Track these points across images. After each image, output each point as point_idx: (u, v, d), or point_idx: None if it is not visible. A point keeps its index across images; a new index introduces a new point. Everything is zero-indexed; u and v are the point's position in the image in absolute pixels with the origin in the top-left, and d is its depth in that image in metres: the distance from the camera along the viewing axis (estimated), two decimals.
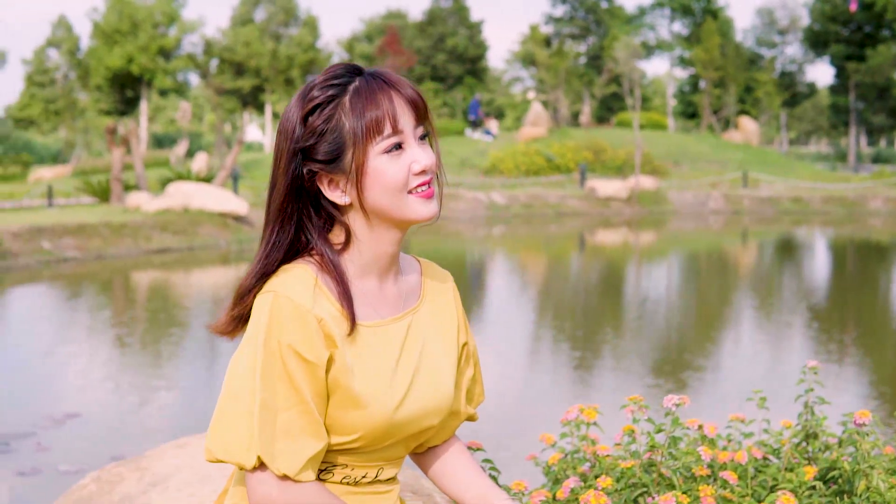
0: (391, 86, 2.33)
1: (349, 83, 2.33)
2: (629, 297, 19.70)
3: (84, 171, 47.98)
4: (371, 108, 2.28)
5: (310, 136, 2.31)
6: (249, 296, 2.38)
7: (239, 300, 2.41)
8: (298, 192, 2.36)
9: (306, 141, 2.32)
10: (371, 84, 2.32)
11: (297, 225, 2.38)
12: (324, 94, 2.32)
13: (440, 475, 2.67)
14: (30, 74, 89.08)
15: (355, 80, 2.33)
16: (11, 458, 8.65)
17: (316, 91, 2.33)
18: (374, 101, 2.29)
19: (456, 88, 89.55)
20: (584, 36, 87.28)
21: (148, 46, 77.46)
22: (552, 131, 55.29)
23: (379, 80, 2.33)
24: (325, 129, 2.30)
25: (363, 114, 2.28)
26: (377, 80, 2.33)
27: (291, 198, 2.36)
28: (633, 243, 31.27)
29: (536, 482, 3.58)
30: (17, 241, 22.69)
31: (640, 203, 40.11)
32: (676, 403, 3.03)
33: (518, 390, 11.58)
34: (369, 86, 2.31)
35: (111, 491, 3.93)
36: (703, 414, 9.78)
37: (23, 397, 11.07)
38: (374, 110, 2.28)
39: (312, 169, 2.33)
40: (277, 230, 2.37)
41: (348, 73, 2.35)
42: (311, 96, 2.32)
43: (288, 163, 2.34)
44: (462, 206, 38.58)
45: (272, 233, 2.38)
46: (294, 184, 2.35)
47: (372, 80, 2.33)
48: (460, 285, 15.75)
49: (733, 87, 74.29)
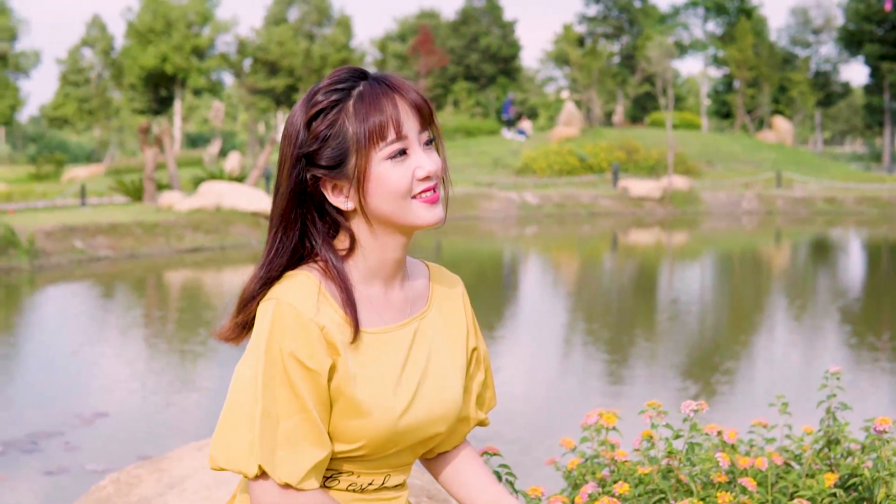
0: (395, 90, 2.29)
1: (353, 88, 2.30)
2: (661, 298, 19.63)
3: (118, 170, 48.14)
4: (374, 113, 2.25)
5: (313, 142, 2.29)
6: (253, 302, 2.36)
7: (242, 307, 2.39)
8: (302, 198, 2.33)
9: (310, 146, 2.29)
10: (375, 89, 2.28)
11: (302, 230, 2.36)
12: (327, 99, 2.28)
13: (451, 481, 2.64)
14: (64, 74, 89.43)
15: (359, 85, 2.30)
16: (39, 458, 8.68)
17: (320, 96, 2.30)
18: (377, 106, 2.26)
19: (489, 88, 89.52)
20: (618, 35, 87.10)
21: (182, 46, 77.71)
22: (585, 131, 55.18)
23: (383, 85, 2.29)
24: (329, 135, 2.28)
25: (366, 119, 2.25)
26: (381, 84, 2.29)
27: (295, 203, 2.33)
28: (665, 244, 31.17)
29: (557, 487, 3.54)
30: (50, 240, 22.78)
31: (672, 203, 39.96)
32: (694, 409, 3.00)
33: (546, 392, 11.55)
34: (373, 90, 2.28)
35: (129, 493, 3.94)
36: (731, 418, 9.75)
37: (52, 396, 11.11)
38: (377, 115, 2.25)
39: (316, 174, 2.30)
40: (281, 236, 2.35)
41: (353, 78, 2.31)
42: (315, 101, 2.29)
43: (291, 168, 2.31)
44: (494, 205, 38.54)
45: (276, 238, 2.35)
46: (297, 189, 2.32)
47: (376, 85, 2.29)
48: (493, 286, 15.79)
49: (767, 86, 73.98)
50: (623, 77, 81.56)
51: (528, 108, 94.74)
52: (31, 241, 21.83)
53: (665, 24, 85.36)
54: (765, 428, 3.51)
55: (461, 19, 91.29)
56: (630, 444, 3.37)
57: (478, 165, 49.45)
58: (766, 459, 3.15)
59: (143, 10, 79.25)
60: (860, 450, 3.31)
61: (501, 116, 61.71)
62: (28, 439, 9.22)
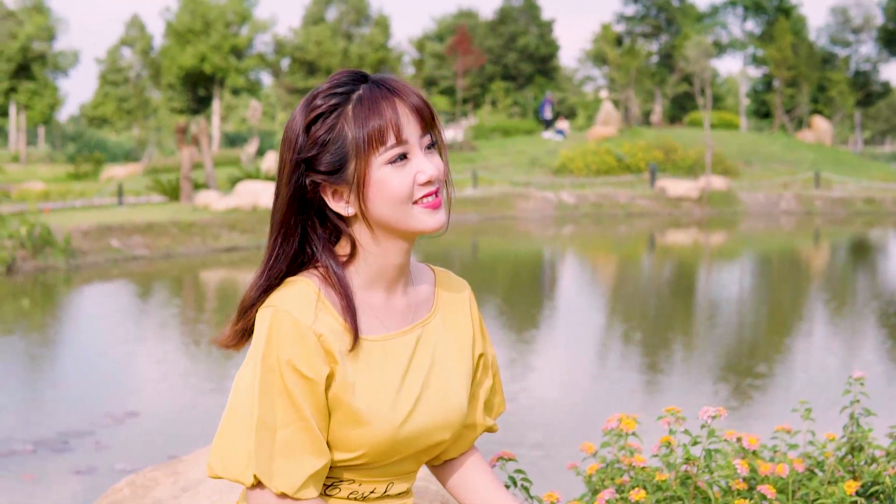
0: (395, 94, 2.26)
1: (353, 91, 2.26)
2: (698, 299, 19.53)
3: (155, 169, 48.30)
4: (374, 117, 2.22)
5: (312, 147, 2.26)
6: (253, 309, 2.34)
7: (242, 314, 2.37)
8: (302, 204, 2.31)
9: (309, 151, 2.26)
10: (374, 92, 2.25)
11: (302, 236, 2.34)
12: (327, 104, 2.26)
13: (457, 488, 2.61)
14: (103, 73, 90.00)
15: (359, 89, 2.27)
16: (69, 457, 8.70)
17: (319, 100, 2.27)
18: (376, 110, 2.22)
19: (527, 87, 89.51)
20: (656, 34, 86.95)
21: (220, 45, 78.01)
22: (623, 131, 55.09)
23: (383, 89, 2.26)
24: (328, 140, 2.25)
25: (366, 123, 2.21)
26: (381, 88, 2.26)
27: (294, 209, 2.31)
28: (703, 244, 31.03)
29: (578, 492, 3.51)
30: (87, 239, 22.88)
31: (710, 203, 39.78)
32: (712, 416, 2.96)
33: (579, 395, 11.51)
34: (372, 94, 2.24)
35: (144, 495, 3.95)
36: (762, 423, 9.68)
37: (85, 395, 11.14)
38: (376, 120, 2.22)
39: (315, 180, 2.28)
40: (281, 242, 2.32)
41: (353, 81, 2.28)
42: (314, 105, 2.27)
43: (291, 173, 2.28)
44: (531, 205, 38.48)
45: (275, 244, 2.33)
46: (297, 195, 2.29)
47: (375, 89, 2.26)
48: (529, 286, 15.73)
49: (806, 86, 73.65)
50: (661, 76, 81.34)
51: (567, 108, 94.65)
52: (68, 240, 21.92)
53: (703, 23, 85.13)
54: (788, 434, 3.46)
55: (499, 19, 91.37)
56: (652, 450, 3.32)
57: (515, 165, 49.41)
58: (787, 466, 3.10)
59: (182, 10, 79.61)
60: (884, 457, 3.26)
61: (539, 116, 61.60)
62: (59, 438, 9.24)
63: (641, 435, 3.33)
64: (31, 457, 8.71)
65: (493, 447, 3.16)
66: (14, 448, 8.92)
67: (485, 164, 48.99)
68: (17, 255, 20.95)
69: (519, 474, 2.97)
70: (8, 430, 9.57)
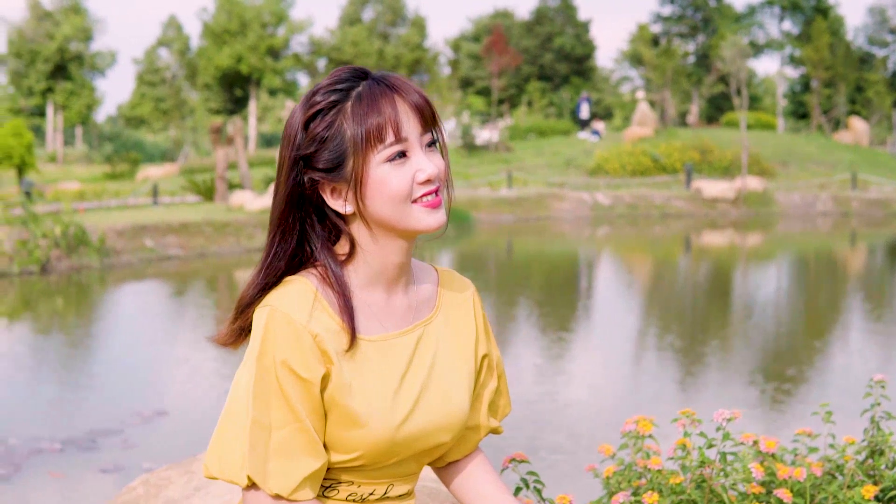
0: (395, 91, 2.23)
1: (353, 88, 2.24)
2: (734, 301, 19.43)
3: (191, 169, 48.47)
4: (373, 114, 2.19)
5: (311, 144, 2.23)
6: (250, 308, 2.32)
7: (240, 312, 2.36)
8: (300, 201, 2.28)
9: (307, 148, 2.24)
10: (374, 89, 2.22)
11: (300, 235, 2.31)
12: (326, 100, 2.23)
13: (461, 490, 2.58)
14: (140, 74, 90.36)
15: (359, 86, 2.24)
16: (97, 455, 8.73)
17: (318, 96, 2.24)
18: (375, 107, 2.20)
19: (563, 88, 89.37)
20: (693, 35, 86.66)
21: (257, 46, 78.17)
22: (659, 131, 54.91)
23: (382, 86, 2.23)
24: (326, 137, 2.22)
25: (364, 120, 2.19)
26: (381, 85, 2.24)
27: (293, 207, 2.28)
28: (739, 245, 30.90)
29: (598, 495, 3.47)
30: (121, 238, 22.97)
31: (746, 204, 39.61)
32: (727, 418, 2.93)
33: (606, 397, 11.45)
34: (372, 91, 2.22)
35: (157, 495, 3.96)
36: (790, 426, 9.61)
37: (115, 394, 11.18)
38: (375, 117, 2.19)
39: (314, 177, 2.25)
40: (279, 240, 2.30)
41: (353, 78, 2.26)
42: (314, 101, 2.24)
43: (289, 171, 2.26)
44: (566, 206, 38.41)
45: (274, 242, 2.30)
46: (295, 192, 2.27)
47: (375, 86, 2.23)
48: (564, 287, 15.70)
49: (843, 86, 73.24)
50: (698, 77, 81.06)
51: (603, 109, 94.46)
52: (102, 239, 22.02)
53: (740, 23, 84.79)
54: (809, 437, 3.42)
55: (535, 19, 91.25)
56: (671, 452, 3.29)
57: (550, 166, 49.32)
58: (805, 470, 3.06)
59: (219, 11, 79.83)
60: None
61: (576, 115, 61.52)
62: (87, 437, 9.28)
63: (662, 438, 3.30)
64: (59, 455, 8.74)
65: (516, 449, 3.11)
66: (42, 446, 8.96)
67: (520, 165, 48.92)
68: (51, 255, 21.06)
69: (531, 476, 2.94)
70: (37, 428, 9.61)
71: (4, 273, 20.24)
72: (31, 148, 37.74)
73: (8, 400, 11.07)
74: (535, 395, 11.00)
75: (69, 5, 78.63)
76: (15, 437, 9.22)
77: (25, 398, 11.19)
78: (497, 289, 20.19)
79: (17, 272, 20.37)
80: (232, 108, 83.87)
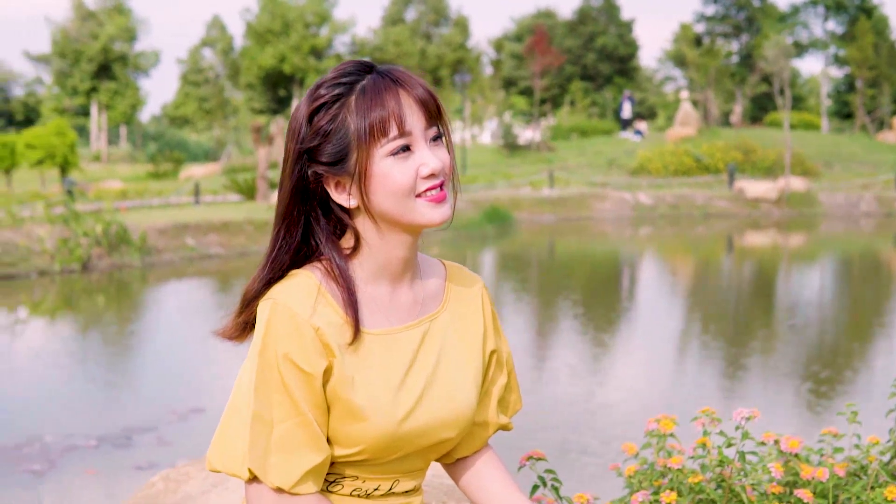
0: (400, 84, 2.22)
1: (357, 82, 2.22)
2: (776, 302, 19.31)
3: (234, 168, 48.64)
4: (376, 107, 2.17)
5: (314, 137, 2.22)
6: (255, 302, 2.31)
7: (245, 306, 2.35)
8: (304, 195, 2.27)
9: (311, 141, 2.22)
10: (378, 83, 2.21)
11: (305, 228, 2.30)
12: (330, 93, 2.22)
13: (469, 487, 2.56)
14: (185, 74, 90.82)
15: (364, 79, 2.23)
16: (131, 453, 8.77)
17: (323, 89, 2.23)
18: (379, 100, 2.18)
19: (605, 88, 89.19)
20: (737, 34, 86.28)
21: (299, 46, 78.45)
22: (702, 131, 54.73)
23: (387, 79, 2.22)
24: (330, 130, 2.21)
25: (367, 114, 2.17)
26: (385, 78, 2.22)
27: (297, 200, 2.27)
28: (781, 246, 30.73)
29: (617, 494, 3.43)
30: (163, 237, 23.08)
31: (789, 205, 39.38)
32: (746, 417, 2.89)
33: (645, 397, 11.40)
34: (376, 85, 2.20)
35: (176, 490, 4.00)
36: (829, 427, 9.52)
37: (151, 392, 11.24)
38: (379, 110, 2.17)
39: (318, 171, 2.24)
40: (284, 234, 2.29)
41: (358, 71, 2.24)
42: (318, 95, 2.23)
43: (293, 164, 2.25)
44: (608, 206, 38.33)
45: (278, 236, 2.29)
46: (299, 186, 2.26)
47: (379, 79, 2.22)
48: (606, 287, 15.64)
49: (887, 86, 72.77)
50: (742, 76, 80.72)
51: (647, 108, 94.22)
52: (143, 238, 22.13)
53: (784, 22, 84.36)
54: (834, 437, 3.37)
55: (578, 19, 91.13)
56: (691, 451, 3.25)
57: (592, 166, 49.26)
58: (827, 470, 3.02)
59: (262, 11, 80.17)
60: None
61: (618, 115, 61.40)
62: (122, 434, 9.32)
63: (690, 437, 3.26)
64: (94, 452, 8.78)
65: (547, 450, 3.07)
66: (77, 443, 9.01)
67: (562, 165, 48.90)
68: (92, 253, 21.18)
69: (549, 474, 2.90)
70: (73, 425, 9.66)
71: (46, 271, 20.37)
72: (73, 147, 38.02)
73: (46, 397, 11.13)
74: (570, 396, 10.96)
75: (113, 6, 79.10)
76: (51, 434, 9.28)
77: (63, 395, 11.24)
78: (539, 289, 20.18)
79: (59, 270, 20.50)
80: (275, 107, 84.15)
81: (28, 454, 8.73)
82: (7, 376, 12.29)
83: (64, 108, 78.44)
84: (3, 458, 8.64)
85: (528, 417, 9.94)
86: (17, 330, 16.00)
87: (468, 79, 57.86)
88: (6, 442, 9.11)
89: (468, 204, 33.99)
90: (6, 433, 9.42)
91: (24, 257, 20.59)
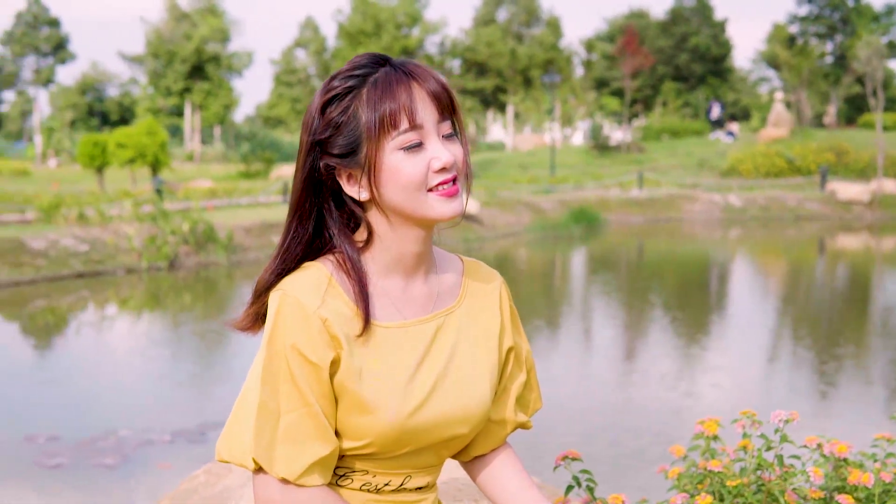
0: (413, 78, 2.20)
1: (370, 74, 2.21)
2: (869, 307, 19.04)
3: None
4: (387, 100, 2.16)
5: (326, 129, 2.21)
6: (267, 292, 2.31)
7: (257, 297, 2.35)
8: (317, 187, 2.27)
9: (323, 133, 2.22)
10: (390, 76, 2.19)
11: (318, 221, 2.30)
12: (343, 85, 2.21)
13: (486, 485, 2.54)
14: (278, 74, 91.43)
15: (377, 72, 2.21)
16: (205, 448, 8.87)
17: (336, 81, 2.22)
18: (391, 93, 2.16)
19: (698, 89, 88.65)
20: (830, 35, 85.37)
21: (391, 47, 78.63)
22: (794, 132, 54.22)
23: (399, 72, 2.20)
24: (342, 122, 2.20)
25: (379, 106, 2.16)
26: (398, 71, 2.20)
27: (309, 192, 2.27)
28: (874, 249, 30.34)
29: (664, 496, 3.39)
30: (249, 236, 23.28)
31: (882, 207, 38.90)
32: (785, 420, 2.83)
33: (724, 398, 11.29)
34: (388, 78, 2.19)
35: (216, 483, 4.10)
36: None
37: (230, 388, 11.31)
38: (389, 103, 2.15)
39: (329, 163, 2.23)
40: (296, 225, 2.29)
41: (372, 64, 2.23)
42: (331, 87, 2.22)
43: (306, 156, 2.25)
44: (697, 207, 38.11)
45: (291, 228, 2.29)
46: (312, 178, 2.26)
47: (392, 72, 2.20)
48: (696, 289, 15.50)
49: None
50: (836, 77, 79.84)
51: (741, 109, 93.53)
52: (230, 236, 22.33)
53: (879, 22, 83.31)
54: (888, 442, 3.29)
55: (671, 19, 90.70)
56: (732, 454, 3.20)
57: (683, 167, 48.99)
58: (873, 475, 2.94)
59: (354, 12, 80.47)
60: None
61: (708, 116, 61.04)
62: (197, 429, 9.40)
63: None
64: (168, 447, 8.87)
65: (619, 447, 2.99)
66: (152, 438, 9.10)
67: (652, 166, 48.68)
68: (179, 251, 21.40)
69: (584, 475, 2.86)
70: (150, 420, 9.77)
71: (133, 269, 20.62)
72: (164, 146, 38.39)
73: (124, 392, 11.27)
74: (656, 400, 10.89)
75: (206, 7, 79.79)
76: (127, 429, 9.39)
77: (142, 391, 11.38)
78: (629, 290, 20.10)
79: (146, 268, 20.74)
80: None
81: (102, 448, 8.83)
82: (93, 370, 12.48)
83: (158, 109, 79.33)
84: (78, 452, 8.75)
85: (616, 415, 9.91)
86: (105, 326, 16.20)
87: (557, 79, 57.70)
88: (82, 435, 9.23)
89: (556, 204, 33.94)
90: (88, 427, 9.55)
91: (111, 255, 20.86)
